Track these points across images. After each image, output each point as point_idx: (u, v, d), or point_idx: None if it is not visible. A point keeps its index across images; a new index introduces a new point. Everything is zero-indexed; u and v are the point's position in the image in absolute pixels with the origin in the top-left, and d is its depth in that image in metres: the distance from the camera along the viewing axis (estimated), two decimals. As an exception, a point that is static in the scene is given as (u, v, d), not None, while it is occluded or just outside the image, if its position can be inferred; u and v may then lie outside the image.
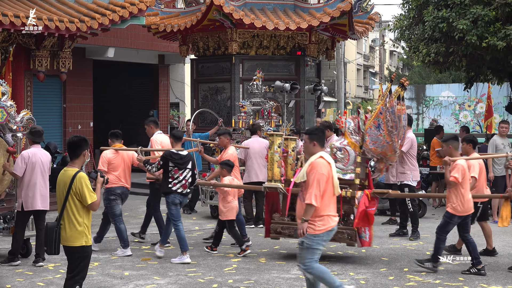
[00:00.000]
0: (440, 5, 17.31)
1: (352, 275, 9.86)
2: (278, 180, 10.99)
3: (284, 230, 10.99)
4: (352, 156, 10.67)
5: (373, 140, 10.62)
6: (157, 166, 11.13)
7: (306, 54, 20.31)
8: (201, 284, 9.32)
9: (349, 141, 10.69)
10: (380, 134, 10.57)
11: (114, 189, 11.52)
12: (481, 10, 16.32)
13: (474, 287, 9.17)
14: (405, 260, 10.85)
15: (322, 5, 20.11)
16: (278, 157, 11.02)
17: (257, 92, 15.39)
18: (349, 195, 10.48)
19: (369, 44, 71.33)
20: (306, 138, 7.82)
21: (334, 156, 10.62)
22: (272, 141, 11.08)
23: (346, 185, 10.54)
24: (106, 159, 11.58)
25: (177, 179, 10.96)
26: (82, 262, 7.42)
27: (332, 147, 10.85)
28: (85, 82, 23.18)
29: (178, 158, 11.01)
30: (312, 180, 7.56)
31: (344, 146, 10.71)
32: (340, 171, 10.50)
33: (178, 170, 10.96)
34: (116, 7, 16.90)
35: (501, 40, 16.02)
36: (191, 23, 19.36)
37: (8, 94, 11.33)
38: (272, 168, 11.04)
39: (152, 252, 11.40)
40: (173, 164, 10.95)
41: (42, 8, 16.57)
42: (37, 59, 16.85)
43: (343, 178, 10.48)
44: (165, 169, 11.01)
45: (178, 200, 11.01)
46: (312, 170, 7.59)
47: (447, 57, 17.93)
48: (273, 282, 9.43)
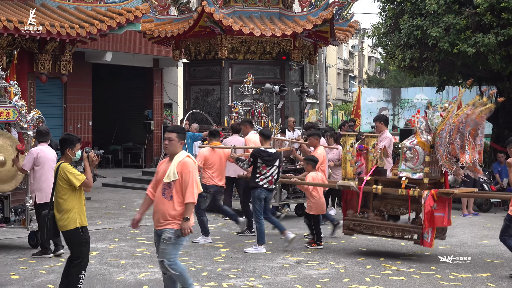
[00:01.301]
0: (415, 14, 17.38)
1: (332, 264, 9.89)
2: (351, 178, 10.67)
3: (356, 227, 10.73)
4: (421, 156, 10.02)
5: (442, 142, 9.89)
6: (248, 162, 10.99)
7: (291, 58, 20.34)
8: (192, 272, 9.32)
9: (419, 140, 10.06)
10: (446, 138, 9.87)
11: (207, 187, 11.38)
12: (453, 19, 16.40)
13: (445, 275, 9.22)
14: (382, 250, 10.88)
15: (305, 14, 20.18)
16: (351, 157, 10.67)
17: (247, 93, 15.38)
18: (416, 194, 9.98)
19: (349, 50, 71.39)
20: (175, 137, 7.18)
21: (404, 155, 10.16)
22: (345, 141, 10.74)
23: (415, 184, 10.09)
24: (202, 156, 11.47)
25: (264, 175, 10.80)
26: (84, 247, 7.51)
27: (402, 146, 10.30)
28: (85, 84, 23.16)
29: (266, 156, 10.83)
30: (192, 180, 7.01)
31: (414, 146, 10.07)
32: (410, 170, 10.11)
33: (266, 167, 10.80)
34: (114, 14, 16.90)
35: (471, 47, 16.10)
36: (184, 29, 19.36)
37: (19, 95, 11.27)
38: (345, 167, 10.71)
39: (147, 242, 11.38)
40: (261, 161, 10.78)
41: (44, 14, 16.55)
42: (39, 62, 16.81)
43: (412, 178, 10.08)
44: (254, 165, 10.87)
45: (263, 195, 10.83)
46: (186, 170, 7.02)
47: (421, 62, 18.00)
48: (259, 270, 9.44)
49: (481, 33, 16.20)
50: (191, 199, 7.01)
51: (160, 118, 26.68)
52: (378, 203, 10.60)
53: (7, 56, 16.05)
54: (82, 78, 22.78)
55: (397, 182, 10.25)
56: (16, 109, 10.87)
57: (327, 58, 44.25)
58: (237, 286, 8.56)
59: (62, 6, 17.61)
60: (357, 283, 8.77)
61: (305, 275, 9.22)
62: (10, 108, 10.82)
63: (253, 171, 10.93)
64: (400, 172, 10.22)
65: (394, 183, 10.35)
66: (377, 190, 10.32)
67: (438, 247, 10.89)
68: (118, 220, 13.99)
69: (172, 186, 7.03)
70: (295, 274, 9.23)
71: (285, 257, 10.33)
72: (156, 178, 7.27)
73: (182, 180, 7.02)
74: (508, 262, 10.09)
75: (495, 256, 10.49)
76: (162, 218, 7.08)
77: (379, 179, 10.56)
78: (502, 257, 10.45)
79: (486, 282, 8.86)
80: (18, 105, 10.97)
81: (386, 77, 52.81)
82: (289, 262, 9.98)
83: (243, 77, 19.97)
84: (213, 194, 11.59)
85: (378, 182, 10.49)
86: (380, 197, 10.56)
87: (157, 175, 7.25)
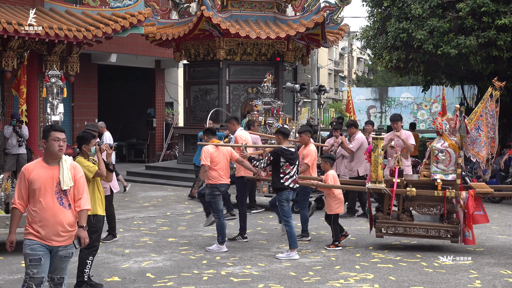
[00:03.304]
0: (401, 18, 17.41)
1: (324, 253, 9.88)
2: (381, 181, 9.99)
3: (388, 229, 10.21)
4: (453, 158, 9.85)
5: (472, 140, 9.93)
6: (267, 161, 9.87)
7: (284, 60, 20.33)
8: (192, 260, 9.31)
9: (450, 142, 9.85)
10: (479, 135, 9.88)
11: (219, 186, 10.14)
12: (437, 22, 16.42)
13: (430, 263, 9.21)
14: (370, 240, 10.87)
15: (298, 17, 20.18)
16: (382, 160, 10.02)
17: (267, 92, 15.15)
18: (452, 195, 9.81)
19: (339, 52, 71.37)
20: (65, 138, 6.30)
21: (436, 158, 9.93)
22: (376, 144, 9.97)
23: (449, 185, 9.93)
24: (209, 153, 10.08)
25: (288, 174, 9.70)
26: (93, 235, 7.51)
27: (433, 149, 9.99)
28: (91, 84, 23.14)
29: (289, 154, 9.74)
30: (85, 184, 6.11)
31: (446, 148, 9.86)
32: (442, 172, 9.92)
33: (290, 166, 9.72)
34: (118, 18, 16.88)
35: (454, 48, 16.13)
36: (184, 32, 19.33)
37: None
38: (376, 170, 9.96)
39: (149, 232, 11.37)
40: (285, 160, 9.70)
41: (53, 18, 16.51)
42: (48, 63, 16.75)
43: (446, 179, 9.91)
44: (276, 165, 9.78)
45: (291, 196, 9.82)
46: (78, 174, 6.02)
47: (407, 63, 18.04)
48: (255, 259, 9.43)
49: (463, 36, 16.23)
50: (87, 205, 6.07)
51: (162, 116, 26.70)
52: (408, 204, 10.26)
53: (17, 58, 16.03)
54: (88, 78, 22.75)
55: (427, 183, 10.07)
56: None
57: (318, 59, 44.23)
58: (235, 274, 8.55)
59: (70, 11, 17.61)
60: (347, 270, 8.76)
61: (299, 263, 9.20)
62: None
63: (275, 172, 9.85)
64: (434, 174, 9.98)
65: (425, 185, 10.13)
66: (412, 193, 9.99)
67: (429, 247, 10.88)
68: (122, 211, 13.96)
69: (68, 193, 5.90)
70: (289, 262, 9.21)
71: (279, 246, 10.31)
72: (34, 187, 5.79)
73: (76, 185, 5.98)
74: (488, 251, 10.09)
75: (477, 245, 10.49)
76: (63, 231, 5.81)
77: (409, 181, 10.28)
78: (483, 245, 10.46)
79: (468, 269, 8.86)
80: None
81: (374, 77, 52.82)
82: (284, 251, 9.94)
83: (240, 77, 20.06)
84: (224, 192, 10.37)
85: (409, 184, 10.20)
86: (410, 199, 10.22)
87: (34, 184, 5.79)
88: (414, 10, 16.74)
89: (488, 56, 16.56)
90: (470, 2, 15.90)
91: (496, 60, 16.82)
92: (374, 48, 20.10)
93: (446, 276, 8.45)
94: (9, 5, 16.69)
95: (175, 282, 8.11)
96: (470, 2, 15.89)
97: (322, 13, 19.31)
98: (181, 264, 9.10)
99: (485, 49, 16.39)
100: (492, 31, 15.88)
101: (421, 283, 8.10)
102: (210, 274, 8.50)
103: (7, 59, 15.84)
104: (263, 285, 7.97)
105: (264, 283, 8.04)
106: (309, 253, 9.91)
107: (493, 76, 18.07)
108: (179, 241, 10.72)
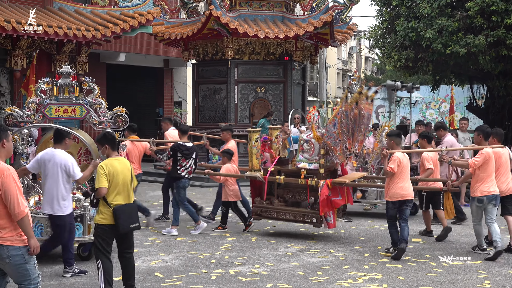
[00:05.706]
0: (410, 17, 17.37)
1: (333, 252, 9.87)
2: (257, 170, 11.05)
3: (263, 213, 11.21)
4: (316, 148, 10.61)
5: (329, 135, 10.43)
6: (167, 155, 11.53)
7: (293, 59, 20.30)
8: (200, 259, 9.31)
9: (315, 134, 10.60)
10: (335, 132, 10.38)
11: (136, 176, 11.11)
12: (446, 21, 16.37)
13: (439, 263, 9.19)
14: (379, 240, 10.85)
15: (307, 17, 20.13)
16: (256, 150, 11.05)
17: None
18: (314, 184, 10.47)
19: (348, 51, 71.27)
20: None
21: (302, 148, 10.76)
22: (250, 136, 11.08)
23: (313, 174, 10.58)
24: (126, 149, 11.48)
25: (184, 166, 11.32)
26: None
27: (300, 139, 10.93)
28: (99, 83, 22.78)
29: (184, 149, 11.34)
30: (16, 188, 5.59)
31: (310, 139, 10.66)
32: (306, 160, 10.69)
33: (185, 159, 11.31)
34: (127, 18, 16.89)
35: (463, 47, 16.08)
36: (192, 31, 19.33)
37: (97, 91, 10.52)
38: (251, 160, 11.08)
39: (158, 232, 11.38)
40: (181, 154, 11.31)
41: (62, 18, 16.55)
42: (57, 63, 16.77)
43: (309, 168, 10.62)
44: (174, 158, 11.35)
45: (187, 184, 11.41)
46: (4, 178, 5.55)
47: (415, 63, 18.00)
48: (264, 258, 9.42)
49: (472, 35, 16.18)
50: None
51: (170, 115, 26.69)
52: (281, 191, 11.11)
53: (27, 57, 16.07)
54: (97, 78, 22.44)
55: (298, 172, 10.75)
56: (84, 106, 10.11)
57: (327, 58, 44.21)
58: (243, 273, 8.54)
59: (79, 10, 17.61)
60: (356, 270, 8.74)
61: (307, 262, 9.20)
62: (77, 105, 10.14)
63: (173, 164, 11.39)
64: (298, 162, 10.80)
65: (295, 173, 10.84)
66: (280, 180, 10.87)
67: (437, 246, 10.86)
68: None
69: None
70: (298, 262, 9.21)
71: (288, 246, 10.30)
72: None
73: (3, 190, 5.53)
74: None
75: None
76: None
77: (282, 169, 11.09)
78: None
79: (477, 269, 8.82)
80: (89, 103, 10.20)
81: (383, 77, 52.71)
82: (292, 250, 9.95)
83: (248, 76, 20.05)
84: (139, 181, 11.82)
85: (281, 172, 11.06)
86: (283, 186, 11.07)
87: None
88: (422, 9, 16.70)
89: (497, 55, 16.50)
90: (479, 1, 15.85)
91: (505, 59, 16.76)
92: (382, 48, 20.07)
93: (455, 276, 8.43)
94: (18, 4, 16.75)
95: (184, 281, 8.12)
96: (479, 1, 15.84)
97: (331, 12, 19.27)
98: (189, 263, 9.11)
99: (494, 48, 16.33)
100: (501, 30, 15.83)
101: (430, 283, 8.08)
102: (218, 274, 8.50)
103: (17, 58, 15.87)
104: (272, 284, 7.97)
105: (273, 283, 8.03)
106: (318, 252, 9.89)
107: (502, 75, 18.06)
108: (188, 241, 10.73)
